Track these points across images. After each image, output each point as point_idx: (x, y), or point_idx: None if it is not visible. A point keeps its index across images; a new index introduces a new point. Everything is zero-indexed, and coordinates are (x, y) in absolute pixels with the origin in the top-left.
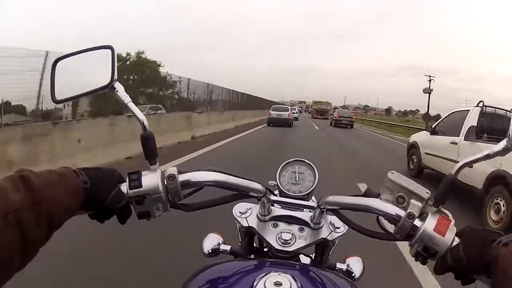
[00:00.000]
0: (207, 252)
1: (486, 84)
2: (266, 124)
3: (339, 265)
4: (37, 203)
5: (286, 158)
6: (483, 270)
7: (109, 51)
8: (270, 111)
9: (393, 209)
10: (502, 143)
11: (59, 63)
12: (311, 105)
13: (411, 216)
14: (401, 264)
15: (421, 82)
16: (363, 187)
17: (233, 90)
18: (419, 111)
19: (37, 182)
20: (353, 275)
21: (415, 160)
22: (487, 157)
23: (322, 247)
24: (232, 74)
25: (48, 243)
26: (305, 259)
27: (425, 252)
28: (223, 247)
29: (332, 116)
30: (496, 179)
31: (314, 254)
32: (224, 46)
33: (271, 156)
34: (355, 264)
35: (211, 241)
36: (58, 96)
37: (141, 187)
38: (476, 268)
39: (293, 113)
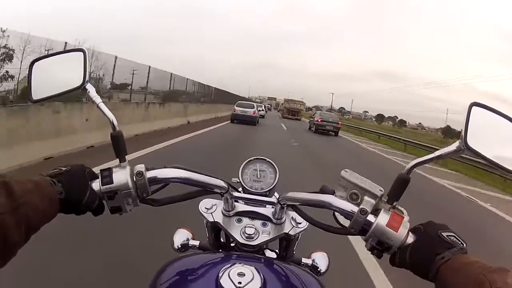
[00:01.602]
0: (177, 247)
1: (457, 96)
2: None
3: (304, 260)
4: (17, 208)
5: None
6: (426, 278)
7: (81, 53)
8: (235, 106)
9: (347, 206)
10: (455, 144)
11: (35, 64)
12: (282, 103)
13: (363, 212)
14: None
15: (391, 87)
16: None
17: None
18: (397, 118)
19: (16, 188)
20: (318, 269)
21: None
22: (439, 157)
23: (286, 242)
24: (201, 67)
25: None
26: (270, 254)
27: (380, 246)
28: (192, 242)
29: (312, 120)
30: None
31: (278, 249)
32: (195, 39)
33: None
34: (320, 259)
35: (180, 237)
36: (35, 96)
37: (113, 183)
38: (419, 275)
39: (259, 110)
